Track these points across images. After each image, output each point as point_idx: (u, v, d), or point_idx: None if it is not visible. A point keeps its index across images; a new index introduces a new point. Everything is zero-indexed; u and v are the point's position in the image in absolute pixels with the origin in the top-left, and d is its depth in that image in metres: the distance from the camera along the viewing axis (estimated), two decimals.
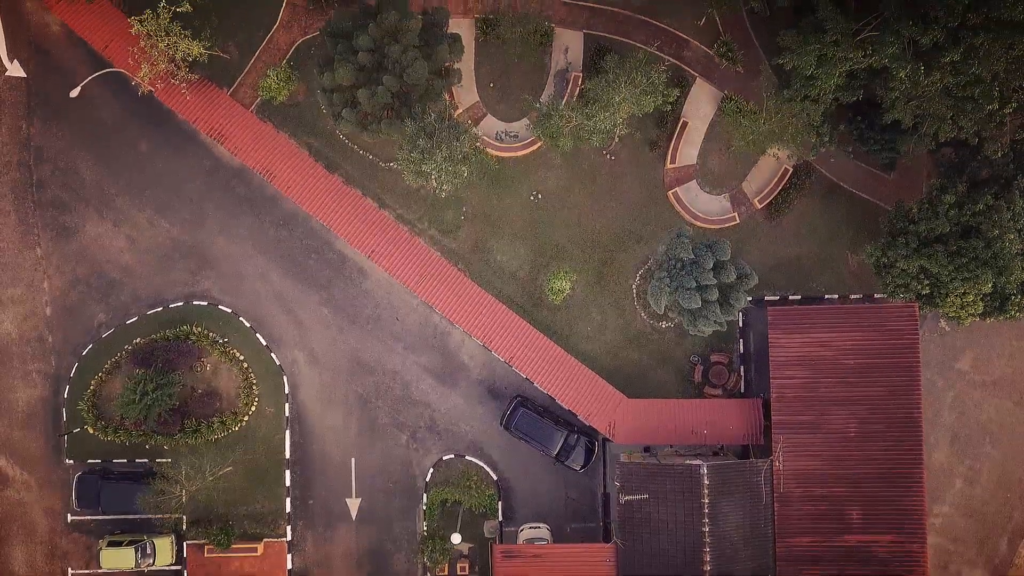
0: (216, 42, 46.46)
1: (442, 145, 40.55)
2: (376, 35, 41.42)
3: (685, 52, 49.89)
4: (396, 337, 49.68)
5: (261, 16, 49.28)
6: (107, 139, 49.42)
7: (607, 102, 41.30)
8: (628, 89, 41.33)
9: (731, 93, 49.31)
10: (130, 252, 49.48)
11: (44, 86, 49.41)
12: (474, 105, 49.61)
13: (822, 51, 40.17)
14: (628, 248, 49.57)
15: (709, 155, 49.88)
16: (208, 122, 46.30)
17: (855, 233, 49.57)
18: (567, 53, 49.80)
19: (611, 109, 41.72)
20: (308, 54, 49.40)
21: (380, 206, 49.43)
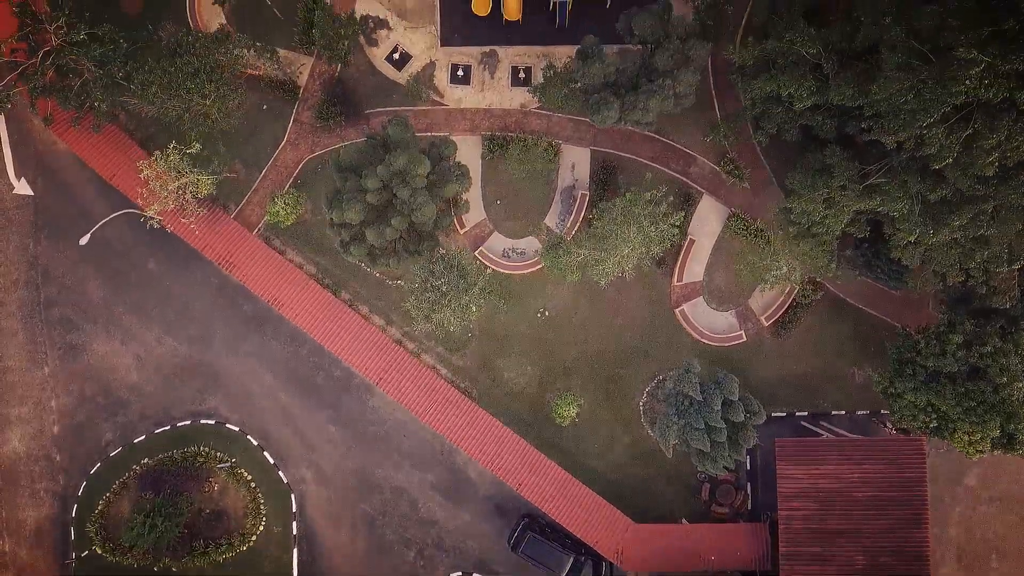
0: (223, 167, 46.52)
1: (451, 299, 40.61)
2: (384, 175, 41.47)
3: (692, 168, 49.95)
4: (403, 454, 49.73)
5: (268, 134, 49.39)
6: (114, 257, 49.46)
7: (615, 248, 41.33)
8: (636, 235, 41.33)
9: (738, 210, 49.40)
10: (138, 370, 49.54)
11: (51, 205, 49.47)
12: (480, 222, 49.66)
13: (829, 194, 40.21)
14: (635, 365, 49.59)
15: (715, 271, 49.94)
16: (216, 250, 46.43)
17: (862, 348, 49.64)
18: (574, 170, 49.88)
19: (619, 259, 41.75)
20: (315, 171, 49.54)
21: (387, 323, 49.51)
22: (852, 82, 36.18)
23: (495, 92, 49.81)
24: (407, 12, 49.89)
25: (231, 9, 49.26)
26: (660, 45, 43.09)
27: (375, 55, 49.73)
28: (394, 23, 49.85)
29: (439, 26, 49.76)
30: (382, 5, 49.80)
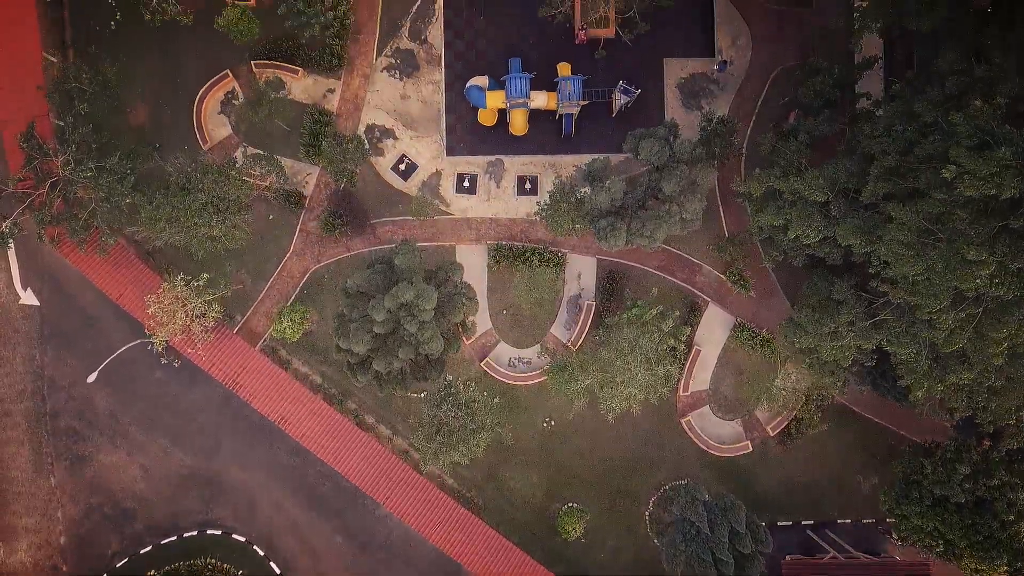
0: (229, 287, 46.57)
1: (458, 439, 40.65)
2: (391, 306, 41.44)
3: (697, 277, 49.98)
4: (409, 563, 49.70)
5: (274, 244, 49.39)
6: (120, 367, 49.41)
7: (620, 378, 41.39)
8: (640, 368, 41.38)
9: (744, 320, 49.44)
10: (144, 481, 49.51)
11: (57, 315, 49.43)
12: (486, 332, 49.67)
13: (836, 328, 40.23)
14: (641, 474, 49.62)
15: (721, 380, 49.97)
16: (223, 370, 46.49)
17: (868, 457, 49.70)
18: (580, 279, 49.90)
19: (626, 396, 41.81)
20: (321, 280, 49.55)
21: (393, 433, 49.51)
22: (860, 231, 36.16)
23: (501, 201, 49.84)
24: (413, 122, 49.92)
25: (237, 119, 49.30)
26: (666, 168, 43.14)
27: (381, 165, 49.75)
28: (400, 133, 49.88)
29: (445, 136, 49.81)
30: (388, 115, 49.83)
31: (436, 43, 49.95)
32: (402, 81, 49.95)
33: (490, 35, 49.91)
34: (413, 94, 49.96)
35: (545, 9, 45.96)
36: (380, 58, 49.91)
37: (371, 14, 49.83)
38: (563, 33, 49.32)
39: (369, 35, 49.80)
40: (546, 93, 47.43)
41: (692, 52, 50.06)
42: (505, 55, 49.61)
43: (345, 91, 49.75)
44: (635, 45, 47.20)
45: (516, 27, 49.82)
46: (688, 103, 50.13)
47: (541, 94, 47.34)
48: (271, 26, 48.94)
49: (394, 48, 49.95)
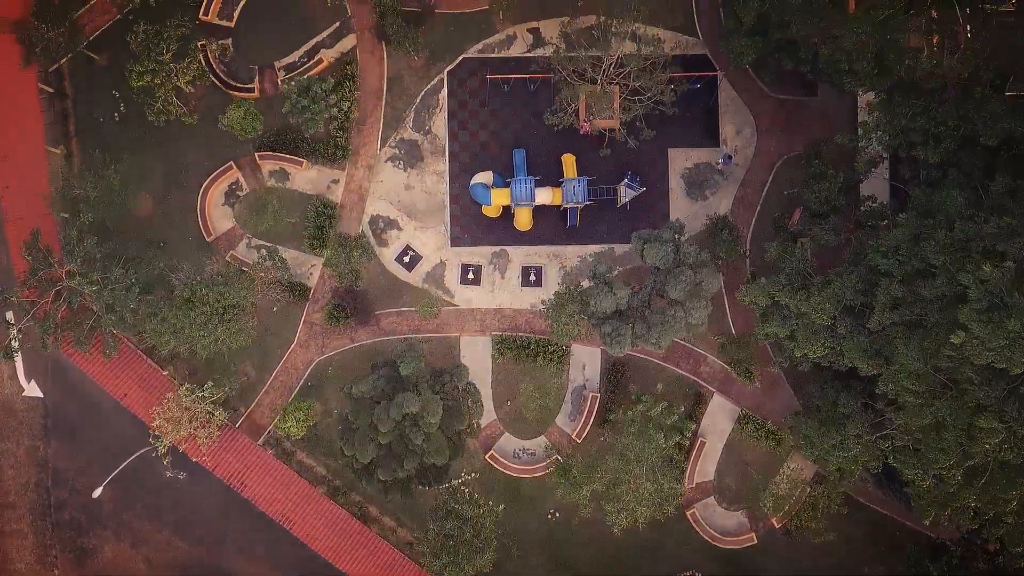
0: (234, 388, 46.58)
1: (464, 555, 40.59)
2: (397, 416, 41.39)
3: (702, 367, 49.91)
4: None
5: (278, 336, 49.32)
6: (124, 457, 49.30)
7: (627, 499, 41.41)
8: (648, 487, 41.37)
9: (749, 411, 49.35)
10: (148, 573, 49.41)
11: (61, 407, 49.38)
12: (491, 423, 49.57)
13: (843, 440, 40.12)
14: (647, 566, 49.51)
15: (726, 471, 49.87)
16: (227, 469, 46.48)
17: (874, 550, 49.55)
18: (584, 370, 49.81)
19: (632, 511, 41.78)
20: (326, 372, 49.48)
21: (398, 524, 49.45)
22: (867, 354, 36.08)
23: (505, 292, 49.77)
24: (417, 212, 49.87)
25: (240, 211, 49.29)
26: (671, 272, 43.04)
27: (385, 256, 49.69)
28: (404, 223, 49.82)
29: (449, 226, 49.76)
30: (392, 206, 49.79)
31: (440, 134, 49.91)
32: (406, 172, 49.91)
33: (494, 126, 49.87)
34: (417, 184, 49.91)
35: (553, 118, 45.94)
36: (384, 148, 49.87)
37: (375, 105, 49.79)
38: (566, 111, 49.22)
39: (373, 125, 49.77)
40: (551, 189, 47.39)
41: (696, 142, 49.99)
42: (509, 146, 49.59)
43: (349, 182, 49.72)
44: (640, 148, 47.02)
45: (520, 118, 49.77)
46: (692, 193, 50.06)
47: (546, 191, 47.30)
48: (274, 116, 48.97)
49: (398, 138, 49.91)
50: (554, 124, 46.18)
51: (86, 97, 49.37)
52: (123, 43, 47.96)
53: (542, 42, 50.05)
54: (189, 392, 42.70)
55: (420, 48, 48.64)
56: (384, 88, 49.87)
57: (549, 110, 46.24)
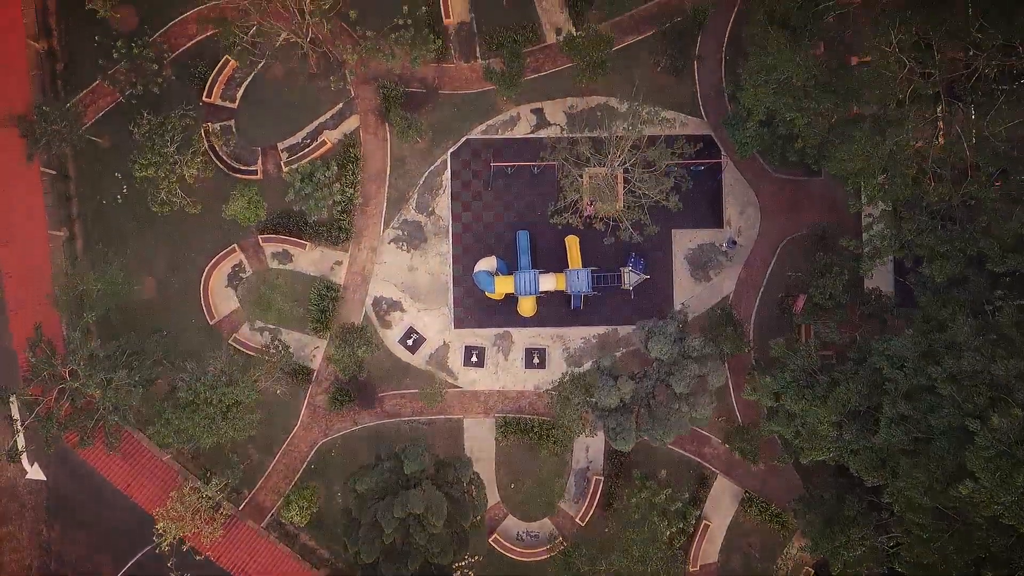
0: (237, 478, 46.51)
1: None
2: (401, 514, 41.28)
3: (705, 449, 49.83)
4: None
5: (281, 418, 49.23)
6: (129, 546, 49.24)
7: None
8: None
9: (752, 493, 49.27)
10: None
11: (64, 489, 49.26)
12: (494, 506, 49.47)
13: (847, 542, 40.05)
14: None
15: (731, 553, 49.77)
16: (231, 559, 46.34)
17: None
18: (588, 452, 49.73)
19: None
20: (329, 454, 49.39)
21: None
22: (872, 465, 36.01)
23: (509, 374, 49.68)
24: (420, 294, 49.79)
25: (243, 293, 49.22)
26: (676, 365, 43.01)
27: (388, 337, 49.61)
28: (407, 305, 49.75)
29: (452, 308, 49.69)
30: (395, 287, 49.71)
31: (443, 215, 49.84)
32: (409, 253, 49.83)
33: (497, 207, 49.81)
34: (420, 266, 49.84)
35: (557, 217, 45.90)
36: (387, 230, 49.80)
37: (378, 186, 49.73)
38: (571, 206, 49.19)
39: (376, 207, 49.71)
40: (554, 276, 47.30)
41: (700, 223, 49.92)
42: (513, 227, 49.53)
43: (352, 263, 49.64)
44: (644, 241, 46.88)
45: (524, 199, 49.72)
46: (696, 274, 50.00)
47: (549, 277, 47.21)
48: (277, 198, 48.92)
49: (401, 219, 49.84)
50: (558, 223, 46.17)
51: (88, 179, 49.30)
52: (126, 125, 48.05)
53: (546, 122, 49.99)
54: (193, 492, 42.62)
55: (423, 133, 48.63)
56: (387, 169, 49.81)
57: (552, 207, 46.19)
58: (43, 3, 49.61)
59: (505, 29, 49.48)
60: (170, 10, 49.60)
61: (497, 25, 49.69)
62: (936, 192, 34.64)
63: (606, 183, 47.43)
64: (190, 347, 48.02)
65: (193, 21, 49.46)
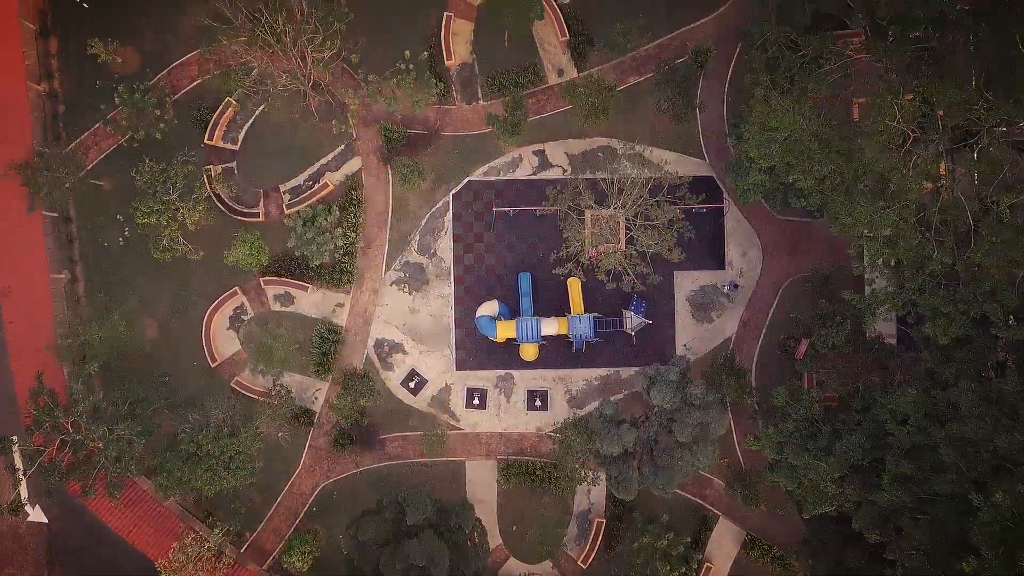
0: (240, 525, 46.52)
1: None
2: (403, 567, 41.29)
3: (707, 491, 49.81)
4: None
5: (283, 461, 49.20)
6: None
7: None
8: None
9: (755, 535, 49.24)
10: None
11: (65, 533, 49.21)
12: (496, 548, 49.42)
13: None
14: None
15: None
16: None
17: None
18: (590, 495, 49.70)
19: None
20: (331, 496, 49.36)
21: None
22: (876, 522, 35.99)
23: (511, 416, 49.66)
24: (422, 336, 49.74)
25: (245, 336, 49.18)
26: (679, 412, 42.99)
27: (390, 380, 49.58)
28: (409, 347, 49.71)
29: (454, 350, 49.65)
30: (397, 329, 49.67)
31: (445, 257, 49.80)
32: (411, 295, 49.79)
33: (499, 249, 49.77)
34: (422, 308, 49.80)
35: (560, 268, 45.88)
36: (389, 272, 49.77)
37: (380, 228, 49.70)
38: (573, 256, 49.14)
39: (378, 249, 49.67)
40: (556, 320, 47.26)
41: (702, 265, 49.86)
42: (515, 269, 49.50)
43: (354, 305, 49.62)
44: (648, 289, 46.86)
45: (526, 240, 49.68)
46: (698, 315, 49.97)
47: (551, 322, 47.17)
48: (279, 240, 48.88)
49: (403, 261, 49.80)
50: (561, 274, 46.16)
51: (90, 222, 49.25)
52: (128, 166, 48.10)
53: (548, 164, 49.96)
54: (196, 542, 42.59)
55: (425, 176, 48.64)
56: (389, 211, 49.77)
57: (554, 255, 46.16)
58: (44, 45, 49.55)
59: (507, 71, 49.44)
60: (172, 52, 49.52)
61: (499, 67, 49.65)
62: (939, 260, 34.62)
63: (609, 226, 47.43)
64: (192, 390, 48.04)
65: (195, 63, 49.40)
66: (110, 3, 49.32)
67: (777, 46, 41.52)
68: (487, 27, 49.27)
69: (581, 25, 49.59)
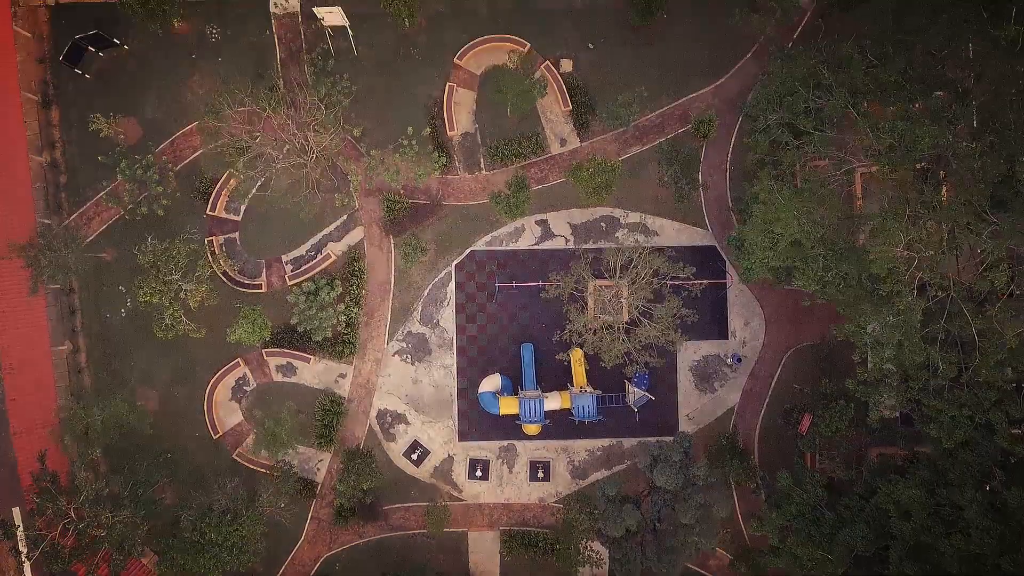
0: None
1: None
2: None
3: (710, 560, 49.78)
4: None
5: (285, 532, 49.11)
6: None
7: None
8: None
9: None
10: None
11: None
12: None
13: None
14: None
15: None
16: None
17: None
18: (593, 569, 49.60)
19: None
20: (334, 568, 49.31)
21: None
22: None
23: (513, 487, 49.62)
24: (425, 406, 49.70)
25: (248, 407, 49.13)
26: (682, 493, 42.95)
27: (392, 451, 49.52)
28: (412, 417, 49.66)
29: (457, 420, 49.59)
30: (400, 400, 49.62)
31: (448, 327, 49.74)
32: (414, 365, 49.74)
33: (502, 320, 49.71)
34: (425, 378, 49.75)
35: (563, 354, 45.83)
36: (392, 342, 49.70)
37: (382, 298, 49.65)
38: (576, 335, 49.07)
39: (381, 319, 49.61)
40: (559, 394, 47.20)
41: (705, 335, 49.80)
42: (517, 340, 49.46)
43: (357, 375, 49.56)
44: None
45: (528, 311, 49.64)
46: (701, 386, 49.94)
47: (554, 396, 47.11)
48: (281, 311, 48.79)
49: (406, 332, 49.74)
50: (562, 359, 46.12)
51: (92, 293, 49.19)
52: (130, 237, 48.17)
53: (551, 234, 49.91)
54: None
55: (427, 250, 48.66)
56: (392, 281, 49.72)
57: (558, 336, 46.09)
58: (46, 115, 49.46)
59: (509, 142, 49.37)
60: (174, 122, 49.44)
61: (501, 137, 49.59)
62: (944, 375, 34.55)
63: (612, 299, 47.35)
64: (195, 463, 48.06)
65: (196, 133, 49.33)
66: (111, 73, 49.30)
67: (780, 130, 41.44)
68: (489, 97, 49.25)
69: (583, 95, 49.55)
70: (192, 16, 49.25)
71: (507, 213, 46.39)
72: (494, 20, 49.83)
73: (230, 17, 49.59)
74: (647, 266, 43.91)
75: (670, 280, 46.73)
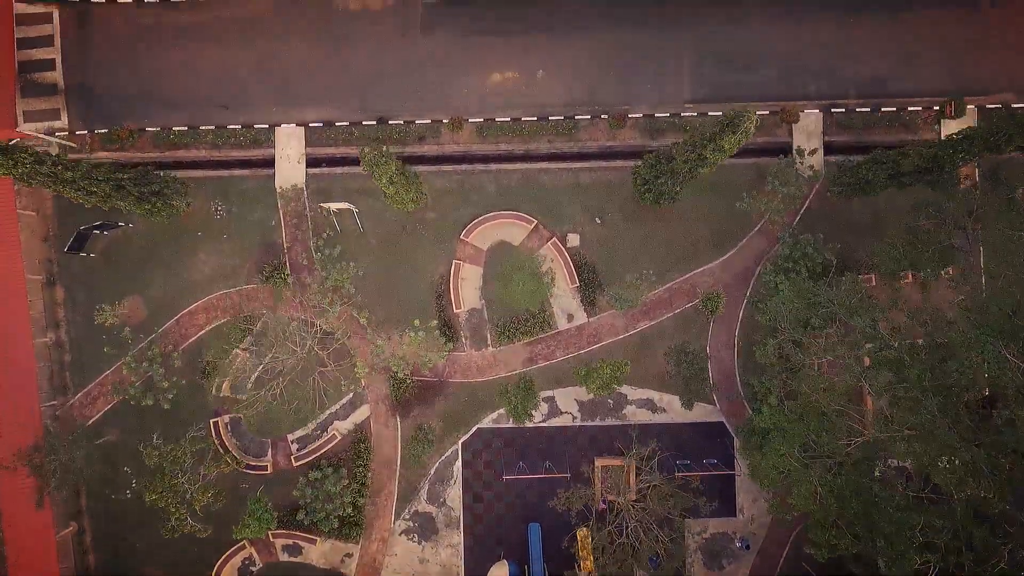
0: None
1: None
2: None
3: None
4: None
5: None
6: None
7: None
8: None
9: None
10: None
11: None
12: None
13: None
14: None
15: None
16: None
17: None
18: None
19: None
20: None
21: None
22: None
23: None
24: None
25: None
26: None
27: None
28: None
29: None
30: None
31: (455, 506, 49.47)
32: (420, 544, 49.49)
33: (509, 498, 49.44)
34: (431, 557, 49.48)
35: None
36: (398, 521, 49.44)
37: (389, 476, 49.39)
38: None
39: (387, 498, 49.36)
40: None
41: (713, 513, 49.44)
42: (524, 519, 49.18)
43: (363, 555, 49.30)
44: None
45: (535, 489, 49.35)
46: (709, 563, 49.67)
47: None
48: (287, 490, 48.47)
49: (412, 511, 49.48)
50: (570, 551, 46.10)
51: (97, 473, 48.86)
52: (134, 418, 47.97)
53: (558, 411, 49.64)
54: None
55: (434, 441, 48.57)
56: (398, 460, 49.46)
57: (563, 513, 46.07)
58: (51, 294, 49.24)
59: (516, 319, 49.12)
60: (178, 301, 49.20)
61: (508, 313, 49.35)
62: None
63: (620, 477, 47.14)
64: None
65: (201, 311, 49.10)
66: (116, 251, 49.08)
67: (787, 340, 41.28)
68: (496, 273, 49.02)
69: (591, 271, 49.32)
70: (197, 193, 49.02)
71: (516, 418, 46.23)
72: (500, 196, 49.61)
73: (234, 194, 49.37)
74: (659, 496, 44.18)
75: (679, 464, 46.52)
